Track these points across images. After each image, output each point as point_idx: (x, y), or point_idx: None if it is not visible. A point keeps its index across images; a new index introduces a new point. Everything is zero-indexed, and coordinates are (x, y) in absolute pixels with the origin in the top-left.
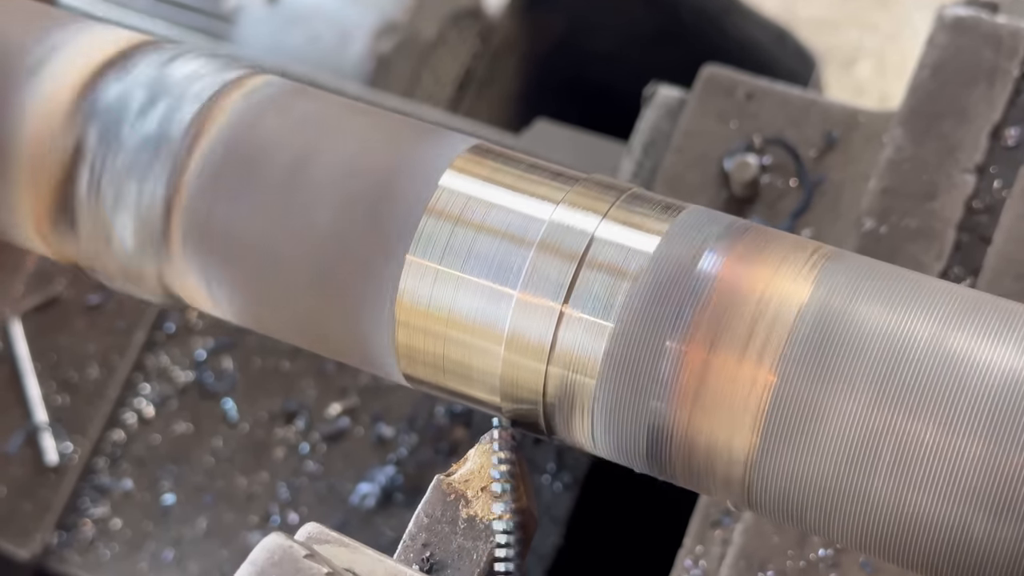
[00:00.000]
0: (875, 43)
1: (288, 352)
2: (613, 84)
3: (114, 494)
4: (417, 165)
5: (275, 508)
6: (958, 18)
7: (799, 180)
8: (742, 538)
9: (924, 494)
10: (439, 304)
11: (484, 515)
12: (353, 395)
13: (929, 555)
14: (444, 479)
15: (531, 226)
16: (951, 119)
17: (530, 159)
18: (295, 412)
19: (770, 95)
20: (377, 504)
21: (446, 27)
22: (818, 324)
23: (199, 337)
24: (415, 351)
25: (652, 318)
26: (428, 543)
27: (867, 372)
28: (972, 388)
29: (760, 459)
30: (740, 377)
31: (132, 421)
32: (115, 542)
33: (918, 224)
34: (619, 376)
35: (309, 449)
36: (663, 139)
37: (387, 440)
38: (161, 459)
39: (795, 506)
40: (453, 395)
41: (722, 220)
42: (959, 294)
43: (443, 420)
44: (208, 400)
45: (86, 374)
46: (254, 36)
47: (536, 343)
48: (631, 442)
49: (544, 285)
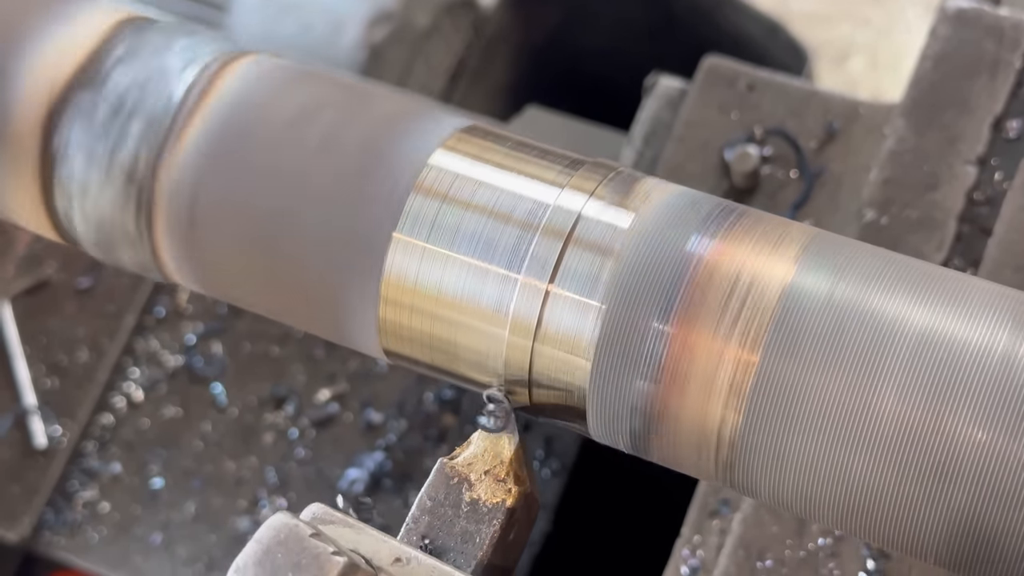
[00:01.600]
0: (868, 38)
1: (278, 337)
2: (606, 76)
3: (103, 478)
4: (408, 143)
5: (263, 493)
6: (960, 10)
7: (799, 171)
8: (741, 527)
9: (907, 475)
10: (425, 281)
11: (487, 499)
12: (342, 381)
13: (912, 535)
14: (447, 462)
15: (519, 205)
16: (953, 110)
17: (520, 138)
18: (284, 397)
19: (771, 86)
20: (366, 490)
21: (439, 17)
22: (801, 305)
23: (189, 322)
24: (400, 327)
25: (638, 298)
26: (431, 526)
27: (851, 351)
28: (962, 369)
29: (742, 438)
30: (724, 357)
31: (121, 405)
32: (103, 525)
33: (919, 215)
34: (605, 355)
35: (298, 434)
36: (664, 129)
37: (376, 426)
38: (150, 443)
39: (776, 485)
40: (438, 372)
41: (709, 201)
42: (944, 276)
43: (432, 406)
44: (197, 385)
45: (75, 357)
46: (246, 24)
47: (523, 321)
48: (616, 421)
49: (530, 263)
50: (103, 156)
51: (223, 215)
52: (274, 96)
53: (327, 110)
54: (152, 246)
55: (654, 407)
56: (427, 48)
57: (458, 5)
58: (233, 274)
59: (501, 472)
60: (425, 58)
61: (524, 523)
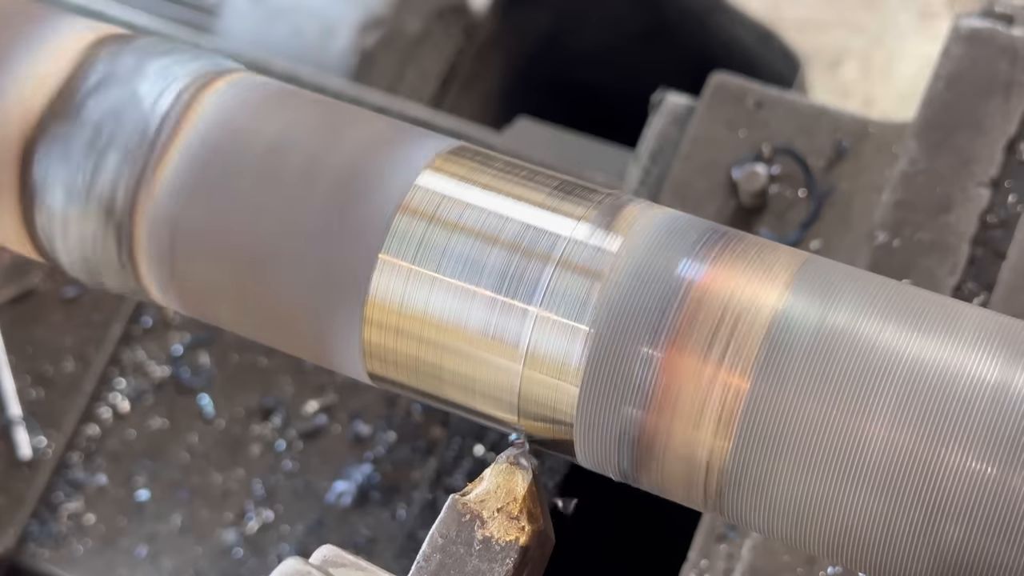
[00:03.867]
0: (860, 45)
1: (266, 348)
2: (597, 83)
3: (88, 489)
4: (394, 164)
5: (250, 505)
6: (974, 30)
7: (808, 190)
8: (751, 554)
9: (902, 505)
10: (411, 303)
11: (500, 536)
12: (331, 392)
13: (904, 567)
14: (459, 499)
15: (506, 227)
16: (966, 132)
17: (509, 159)
18: (272, 409)
19: (780, 104)
20: (353, 502)
21: (431, 22)
22: (792, 331)
23: (176, 332)
24: (385, 350)
25: (626, 323)
26: (443, 564)
27: (842, 380)
28: (956, 399)
29: (732, 466)
30: (714, 383)
31: (107, 416)
32: (88, 537)
33: (932, 238)
34: (592, 381)
35: (285, 446)
36: (670, 146)
37: (364, 438)
38: (136, 454)
39: (766, 514)
40: (425, 396)
41: (700, 225)
42: (937, 304)
43: (420, 418)
44: (184, 395)
45: (61, 367)
46: (237, 29)
47: (510, 345)
48: (604, 447)
49: (518, 286)
50: (81, 189)
51: (204, 245)
52: (252, 121)
53: (308, 134)
54: (136, 274)
55: (643, 433)
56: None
57: (449, 11)
58: (217, 300)
59: (514, 509)
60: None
61: (538, 562)
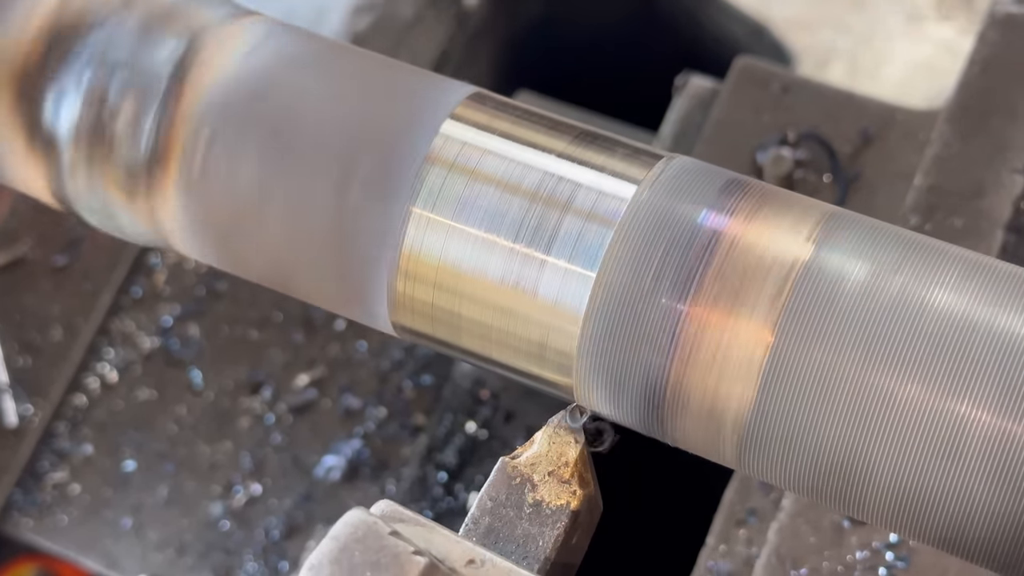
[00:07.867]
0: (848, 44)
1: (256, 321)
2: (588, 72)
3: (74, 459)
4: (417, 113)
5: (238, 478)
6: (1010, 15)
7: (833, 176)
8: (777, 537)
9: (925, 461)
10: (430, 253)
11: (551, 500)
12: (321, 366)
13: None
14: (509, 462)
15: (528, 175)
16: (1000, 117)
17: (526, 107)
18: (262, 382)
19: (806, 88)
20: (343, 477)
21: (423, 7)
22: (818, 284)
23: (166, 303)
24: (410, 300)
25: (646, 272)
26: (492, 527)
27: (868, 332)
28: (979, 354)
29: (756, 418)
30: (738, 335)
31: (95, 386)
32: (73, 507)
33: (964, 223)
34: (612, 330)
35: (275, 420)
36: (694, 130)
37: (354, 412)
38: (123, 425)
39: (789, 467)
40: (445, 346)
41: (723, 175)
42: (965, 258)
43: (411, 394)
44: (173, 367)
45: (49, 336)
46: None
47: (529, 293)
48: (625, 397)
49: (536, 235)
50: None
51: (229, 187)
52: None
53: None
54: (153, 207)
55: (665, 384)
56: (410, 39)
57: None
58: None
59: (566, 473)
60: (408, 49)
61: (587, 527)
